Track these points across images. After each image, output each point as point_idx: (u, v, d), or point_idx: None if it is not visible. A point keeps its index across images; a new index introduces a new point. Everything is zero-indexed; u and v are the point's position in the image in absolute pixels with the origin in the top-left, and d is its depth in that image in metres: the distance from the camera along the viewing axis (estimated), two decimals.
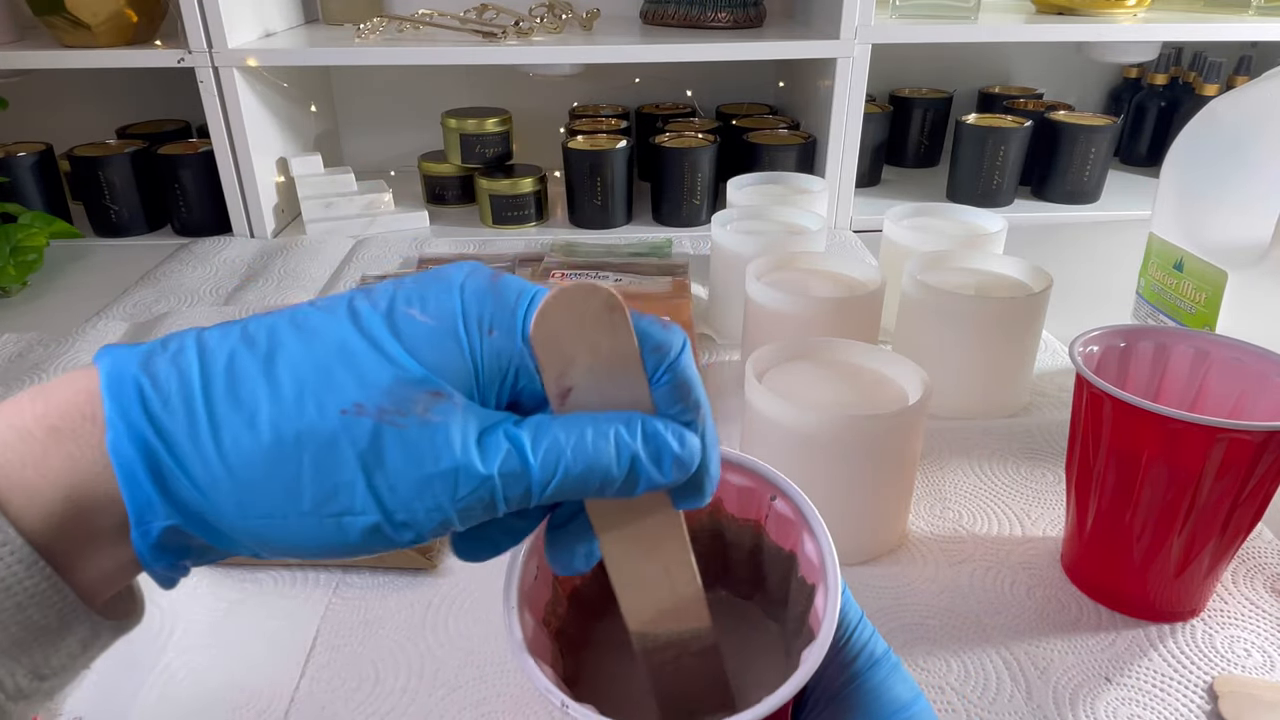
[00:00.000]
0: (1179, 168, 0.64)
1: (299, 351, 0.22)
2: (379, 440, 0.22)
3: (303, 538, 0.22)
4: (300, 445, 0.21)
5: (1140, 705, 0.40)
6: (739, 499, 0.33)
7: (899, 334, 0.66)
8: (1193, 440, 0.39)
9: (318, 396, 0.22)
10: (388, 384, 0.22)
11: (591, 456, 0.23)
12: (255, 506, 0.22)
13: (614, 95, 1.28)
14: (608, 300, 0.23)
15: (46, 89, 1.18)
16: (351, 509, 0.22)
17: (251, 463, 0.21)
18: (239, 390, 0.22)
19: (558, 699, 0.25)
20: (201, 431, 0.21)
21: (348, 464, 0.22)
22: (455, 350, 0.23)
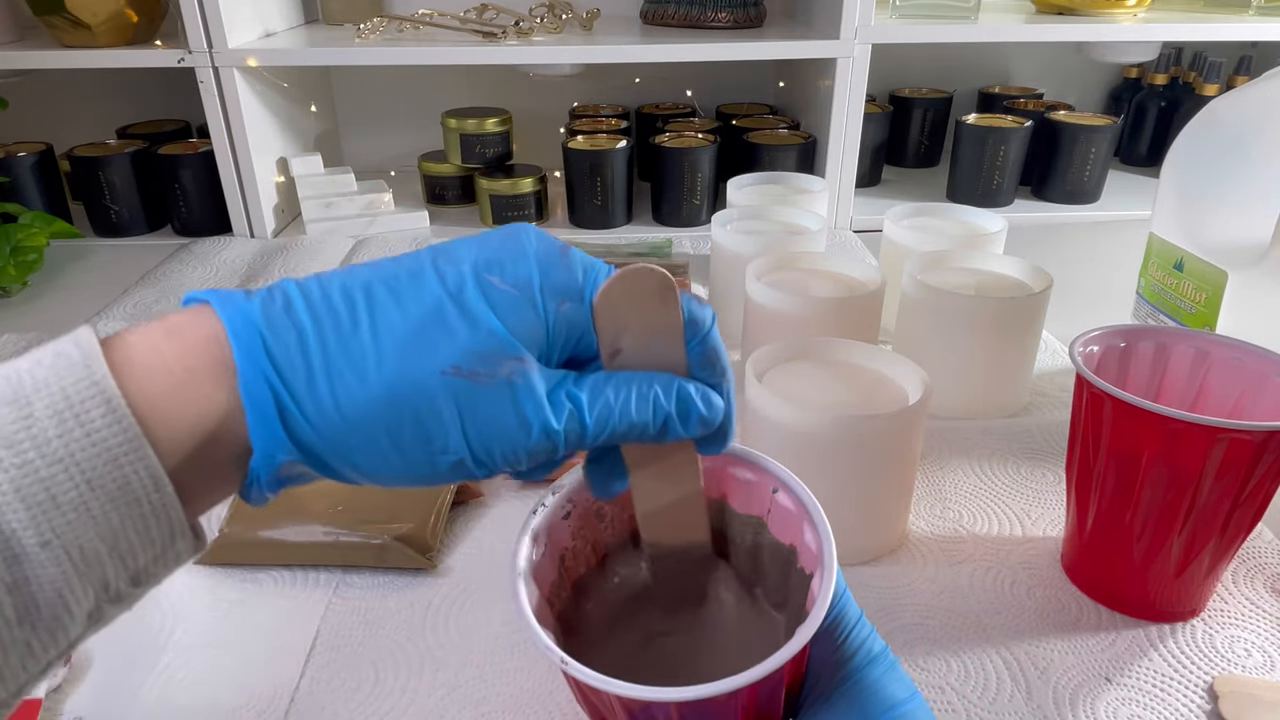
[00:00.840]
0: (1179, 168, 0.64)
1: (395, 314, 0.25)
2: (472, 397, 0.25)
3: (400, 470, 0.26)
4: (405, 400, 0.25)
5: (1140, 705, 0.40)
6: (744, 494, 0.34)
7: (899, 334, 0.66)
8: (1193, 440, 0.39)
9: (419, 357, 0.25)
10: (480, 349, 0.25)
11: (634, 415, 0.27)
12: (363, 447, 0.25)
13: (614, 95, 1.28)
14: (662, 280, 0.27)
15: (46, 89, 1.18)
16: (445, 450, 0.25)
17: (362, 412, 0.25)
18: (349, 348, 0.25)
19: (557, 656, 0.27)
20: (319, 384, 0.24)
21: (445, 416, 0.25)
22: (533, 317, 0.26)
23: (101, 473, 0.22)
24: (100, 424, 0.22)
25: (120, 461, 0.22)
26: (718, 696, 0.25)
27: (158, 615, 0.45)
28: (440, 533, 0.50)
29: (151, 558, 0.24)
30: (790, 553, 0.33)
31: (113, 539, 0.22)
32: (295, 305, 0.25)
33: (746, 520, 0.34)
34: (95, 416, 0.22)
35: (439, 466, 0.26)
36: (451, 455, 0.26)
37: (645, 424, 0.27)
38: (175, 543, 0.24)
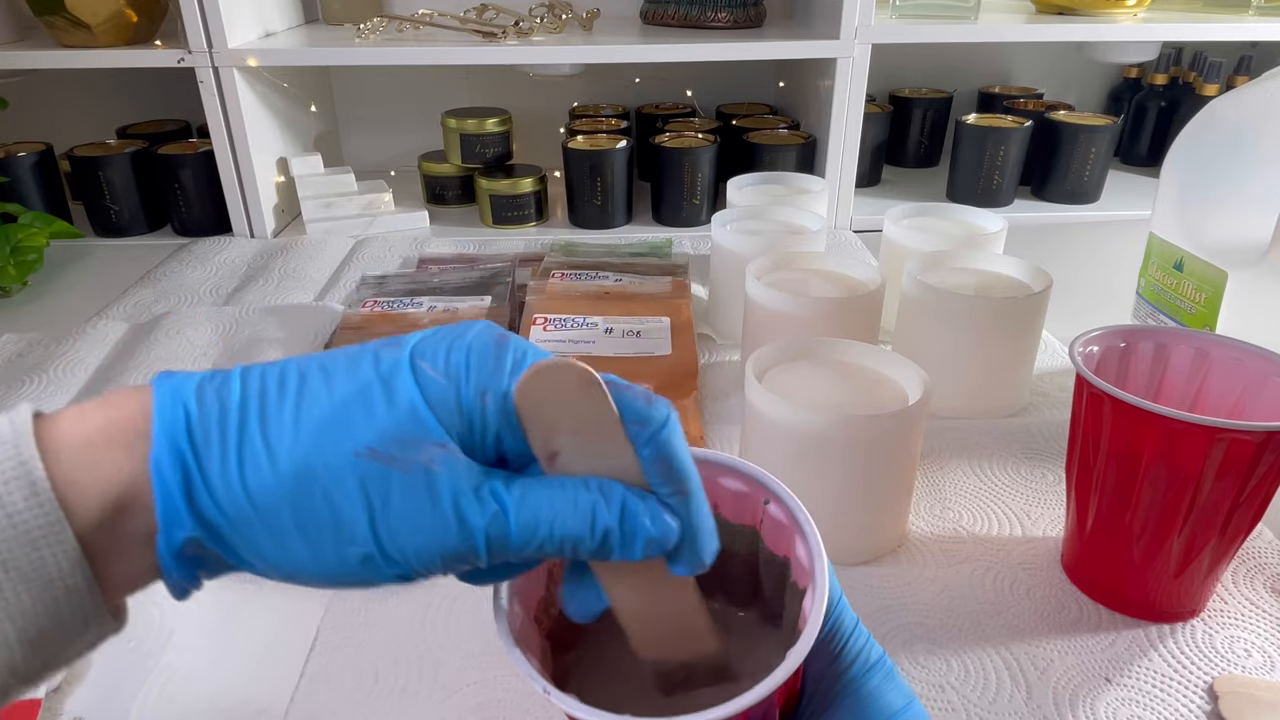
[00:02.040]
0: (1179, 168, 0.64)
1: (323, 394, 0.24)
2: (385, 483, 0.24)
3: (306, 562, 0.24)
4: (313, 480, 0.24)
5: (1140, 705, 0.40)
6: (735, 504, 0.33)
7: (899, 334, 0.66)
8: (1193, 440, 0.39)
9: (335, 437, 0.24)
10: (400, 432, 0.24)
11: (566, 527, 0.25)
12: (268, 530, 0.24)
13: (614, 95, 1.28)
14: (582, 375, 0.25)
15: (46, 89, 1.18)
16: (353, 540, 0.24)
17: (268, 491, 0.23)
18: (268, 425, 0.24)
19: (540, 685, 0.26)
20: (230, 459, 0.24)
21: (355, 501, 0.24)
22: (456, 407, 0.25)
23: (17, 554, 0.22)
24: (21, 505, 0.22)
25: (38, 544, 0.22)
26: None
27: (158, 615, 0.45)
28: None
29: (63, 641, 0.23)
30: (784, 565, 0.32)
31: (23, 621, 0.22)
32: (231, 384, 0.25)
33: (740, 530, 0.33)
34: (18, 499, 0.22)
35: (347, 560, 0.24)
36: (359, 547, 0.24)
37: (580, 537, 0.25)
38: (90, 627, 0.23)
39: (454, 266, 0.90)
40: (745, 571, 0.34)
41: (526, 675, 0.26)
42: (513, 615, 0.28)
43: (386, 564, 0.24)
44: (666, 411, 0.26)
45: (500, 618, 0.28)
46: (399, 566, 0.24)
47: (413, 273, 0.88)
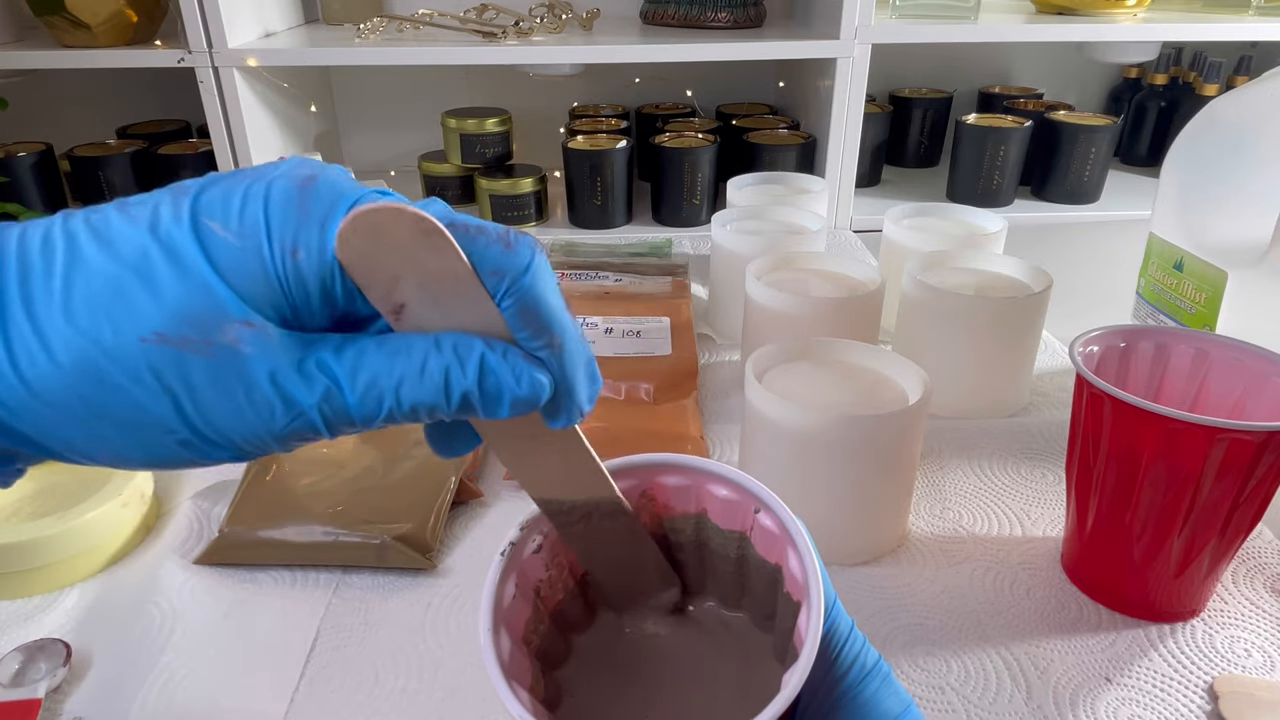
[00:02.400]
0: (1179, 168, 0.64)
1: (97, 263, 0.21)
2: (185, 369, 0.21)
3: (123, 450, 0.21)
4: (99, 372, 0.20)
5: (1140, 705, 0.40)
6: (724, 511, 0.32)
7: (899, 334, 0.66)
8: (1193, 440, 0.39)
9: (114, 321, 0.20)
10: (192, 311, 0.20)
11: (416, 395, 0.22)
12: (65, 422, 0.21)
13: (614, 95, 1.28)
14: (418, 222, 0.21)
15: (46, 89, 1.18)
16: (168, 429, 0.21)
17: (50, 385, 0.20)
18: (34, 306, 0.20)
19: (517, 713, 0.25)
20: (22, 327, 0.20)
21: (154, 393, 0.21)
22: (260, 272, 0.21)
23: None
24: None
25: None
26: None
27: (158, 615, 0.45)
28: (440, 533, 0.50)
29: None
30: (776, 572, 0.31)
31: None
32: (6, 250, 0.21)
33: (729, 535, 0.33)
34: None
35: (165, 445, 0.21)
36: (173, 435, 0.21)
37: (434, 404, 0.22)
38: None
39: None
40: (735, 574, 0.34)
41: (517, 716, 0.25)
42: (499, 647, 0.27)
43: (210, 447, 0.22)
44: (530, 254, 0.23)
45: (488, 653, 0.27)
46: (226, 450, 0.22)
47: None
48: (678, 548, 0.34)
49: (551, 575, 0.32)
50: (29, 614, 0.46)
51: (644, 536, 0.31)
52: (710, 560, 0.34)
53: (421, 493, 0.52)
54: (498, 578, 0.29)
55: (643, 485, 0.33)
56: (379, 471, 0.54)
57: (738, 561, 0.33)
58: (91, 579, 0.48)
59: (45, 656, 0.42)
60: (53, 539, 0.46)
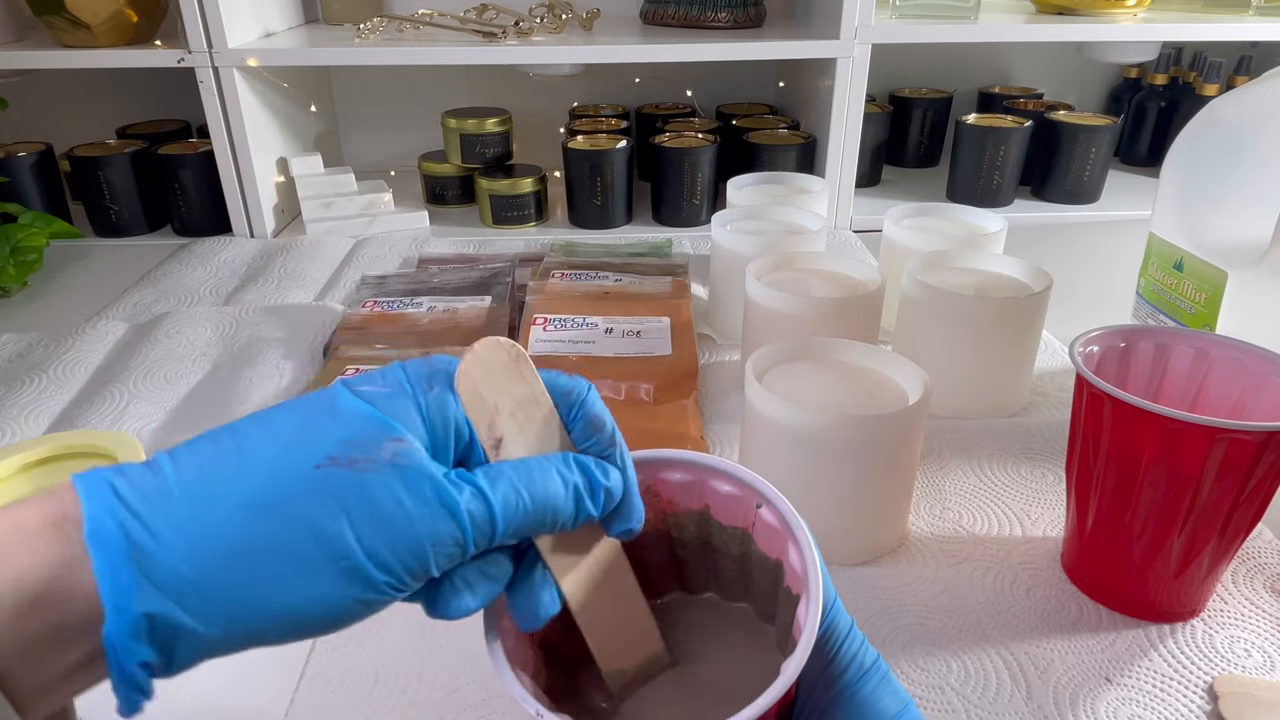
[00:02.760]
0: (1179, 168, 0.64)
1: (267, 425, 0.24)
2: (355, 487, 0.23)
3: (289, 597, 0.23)
4: (278, 502, 0.22)
5: (1140, 705, 0.40)
6: (726, 507, 0.33)
7: (899, 334, 0.66)
8: (1193, 440, 0.39)
9: (290, 459, 0.23)
10: (354, 435, 0.24)
11: (542, 491, 0.26)
12: (240, 570, 0.22)
13: (614, 95, 1.28)
14: (510, 350, 0.27)
15: (46, 89, 1.18)
16: (336, 555, 0.23)
17: (231, 523, 0.22)
18: (209, 468, 0.23)
19: (533, 708, 0.26)
20: (177, 509, 0.22)
21: (328, 513, 0.23)
22: (407, 403, 0.25)
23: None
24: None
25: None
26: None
27: None
28: None
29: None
30: (777, 567, 0.31)
31: None
32: (155, 456, 0.23)
33: (732, 531, 0.33)
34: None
35: (334, 582, 0.23)
36: (344, 561, 0.23)
37: (556, 498, 0.26)
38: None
39: (454, 266, 0.90)
40: (738, 571, 0.34)
41: (518, 698, 0.26)
42: (504, 632, 0.28)
43: (379, 570, 0.23)
44: (585, 381, 0.28)
45: (492, 636, 0.28)
46: (390, 573, 0.23)
47: (413, 273, 0.88)
48: (680, 545, 0.35)
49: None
50: None
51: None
52: (713, 558, 0.34)
53: None
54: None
55: (647, 481, 0.33)
56: None
57: (740, 559, 0.34)
58: None
59: None
60: None
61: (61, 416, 0.64)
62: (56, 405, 0.65)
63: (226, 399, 0.65)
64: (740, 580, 0.34)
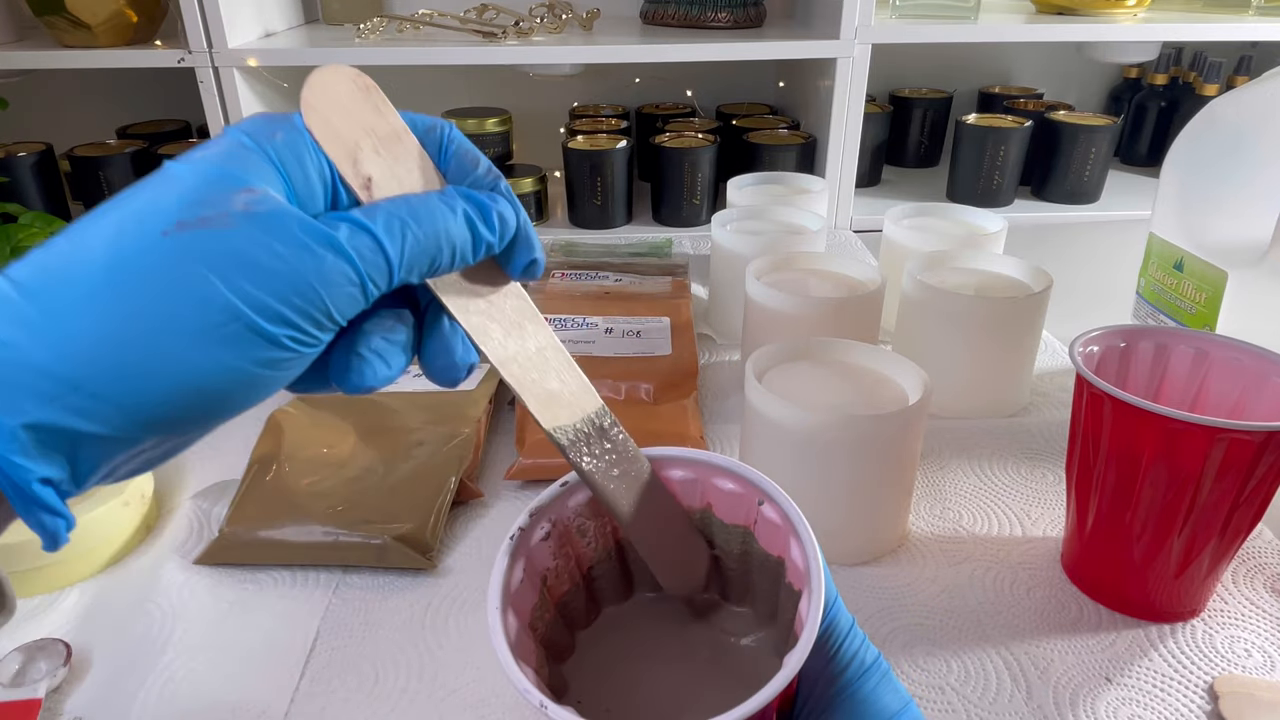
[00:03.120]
0: (1179, 168, 0.64)
1: (98, 215, 0.22)
2: (217, 244, 0.21)
3: (186, 373, 0.21)
4: (139, 276, 0.21)
5: (1141, 705, 0.40)
6: (728, 504, 0.33)
7: (899, 334, 0.66)
8: (1193, 440, 0.39)
9: (134, 229, 0.21)
10: (196, 195, 0.22)
11: (429, 219, 0.24)
12: (117, 355, 0.21)
13: (614, 95, 1.28)
14: (357, 79, 0.25)
15: (46, 89, 1.18)
16: (226, 319, 0.21)
17: (93, 310, 0.20)
18: (49, 268, 0.21)
19: (536, 699, 0.25)
20: (19, 306, 0.20)
21: (197, 276, 0.21)
22: (250, 155, 0.23)
23: None
24: None
25: None
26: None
27: (158, 615, 0.45)
28: (440, 533, 0.50)
29: None
30: (779, 565, 0.31)
31: None
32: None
33: (733, 529, 0.33)
34: None
35: (228, 347, 0.21)
36: (232, 322, 0.21)
37: (447, 226, 0.24)
38: None
39: None
40: (739, 569, 0.34)
41: (522, 690, 0.26)
42: (507, 626, 0.28)
43: (268, 321, 0.22)
44: (446, 121, 0.27)
45: (496, 631, 0.28)
46: (282, 322, 0.22)
47: None
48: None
49: (558, 565, 0.32)
50: (29, 614, 0.46)
51: (671, 498, 0.33)
52: (715, 558, 0.34)
53: (422, 493, 0.52)
54: (506, 561, 0.29)
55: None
56: (379, 472, 0.54)
57: (741, 558, 0.34)
58: (91, 579, 0.48)
59: (45, 656, 0.42)
60: None
61: None
62: None
63: None
64: (742, 582, 0.34)
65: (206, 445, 0.58)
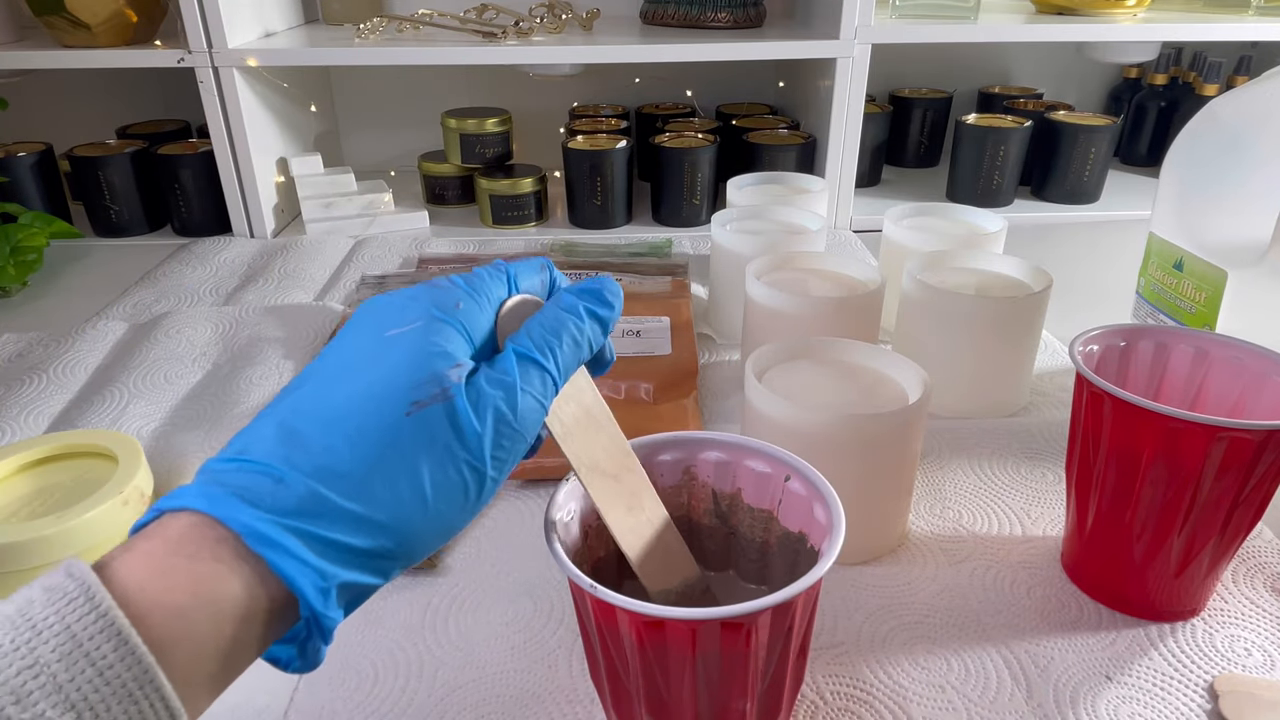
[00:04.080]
0: (1179, 168, 0.64)
1: (334, 377, 0.27)
2: (446, 419, 0.26)
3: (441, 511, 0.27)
4: (396, 452, 0.26)
5: (1141, 704, 0.40)
6: (758, 485, 0.36)
7: (899, 334, 0.66)
8: (1193, 439, 0.39)
9: (373, 409, 0.26)
10: (418, 372, 0.26)
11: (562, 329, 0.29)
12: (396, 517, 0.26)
13: (614, 95, 1.28)
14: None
15: (46, 89, 1.18)
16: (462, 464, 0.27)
17: (370, 485, 0.25)
18: (308, 441, 0.25)
19: (586, 583, 0.29)
20: (320, 479, 0.25)
21: (439, 446, 0.26)
22: (449, 329, 0.28)
23: (115, 711, 0.21)
24: (111, 659, 0.21)
25: (135, 696, 0.21)
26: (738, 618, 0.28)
27: None
28: None
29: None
30: (799, 540, 0.34)
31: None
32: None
33: (758, 514, 0.36)
34: (106, 651, 0.21)
35: (465, 485, 0.27)
36: (472, 473, 0.27)
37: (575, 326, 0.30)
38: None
39: (454, 266, 0.90)
40: (758, 554, 0.37)
41: (572, 574, 0.30)
42: (567, 534, 0.33)
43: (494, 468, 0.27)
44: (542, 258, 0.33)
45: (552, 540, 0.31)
46: (499, 463, 0.28)
47: (413, 273, 0.88)
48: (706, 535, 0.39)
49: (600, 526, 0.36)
50: None
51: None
52: (735, 545, 0.38)
53: None
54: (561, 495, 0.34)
55: (686, 461, 0.37)
56: None
57: (762, 545, 0.37)
58: None
59: None
60: (53, 539, 0.46)
61: (61, 416, 0.64)
62: (56, 405, 0.65)
63: (226, 399, 0.65)
64: (759, 569, 0.38)
65: (205, 444, 0.58)
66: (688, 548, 0.35)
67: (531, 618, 0.45)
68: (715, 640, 0.29)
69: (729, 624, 0.28)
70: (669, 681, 0.30)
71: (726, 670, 0.30)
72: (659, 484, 0.37)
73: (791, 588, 0.28)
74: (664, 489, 0.38)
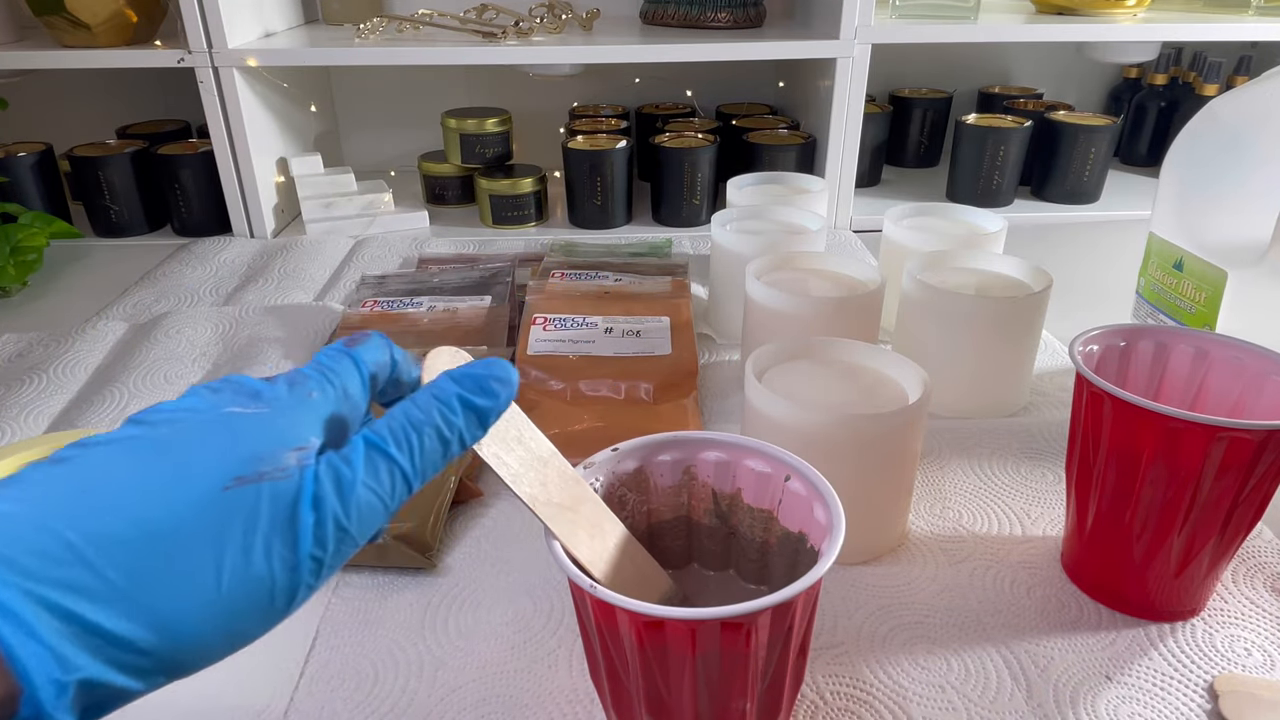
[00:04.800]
0: (1179, 168, 0.64)
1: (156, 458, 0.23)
2: (268, 502, 0.23)
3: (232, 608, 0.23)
4: (202, 531, 0.22)
5: (1141, 704, 0.40)
6: (758, 486, 0.36)
7: (899, 334, 0.66)
8: (1193, 439, 0.39)
9: (188, 487, 0.22)
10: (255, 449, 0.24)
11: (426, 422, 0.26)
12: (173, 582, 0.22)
13: (614, 95, 1.28)
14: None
15: (46, 89, 1.18)
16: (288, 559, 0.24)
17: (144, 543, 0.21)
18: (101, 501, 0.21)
19: (586, 583, 0.29)
20: (98, 565, 0.20)
21: (248, 528, 0.23)
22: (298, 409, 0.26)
23: None
24: None
25: None
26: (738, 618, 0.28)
27: None
28: (440, 532, 0.50)
29: None
30: (799, 540, 0.34)
31: None
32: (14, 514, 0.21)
33: (758, 514, 0.36)
34: None
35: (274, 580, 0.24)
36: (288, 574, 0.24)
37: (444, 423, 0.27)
38: None
39: (454, 266, 0.90)
40: (758, 554, 0.37)
41: (570, 573, 0.30)
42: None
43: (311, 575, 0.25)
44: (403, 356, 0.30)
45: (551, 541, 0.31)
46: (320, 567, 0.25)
47: (413, 273, 0.88)
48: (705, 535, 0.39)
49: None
50: None
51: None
52: (735, 546, 0.38)
53: (421, 492, 0.52)
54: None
55: (686, 461, 0.37)
56: None
57: (761, 546, 0.37)
58: None
59: None
60: None
61: (61, 416, 0.64)
62: (56, 405, 0.65)
63: None
64: (757, 570, 0.38)
65: None
66: (655, 560, 0.35)
67: (531, 618, 0.45)
68: (715, 640, 0.29)
69: (729, 624, 0.28)
70: (669, 681, 0.30)
71: (726, 670, 0.30)
72: (659, 484, 0.37)
73: (791, 588, 0.28)
74: (664, 489, 0.38)
